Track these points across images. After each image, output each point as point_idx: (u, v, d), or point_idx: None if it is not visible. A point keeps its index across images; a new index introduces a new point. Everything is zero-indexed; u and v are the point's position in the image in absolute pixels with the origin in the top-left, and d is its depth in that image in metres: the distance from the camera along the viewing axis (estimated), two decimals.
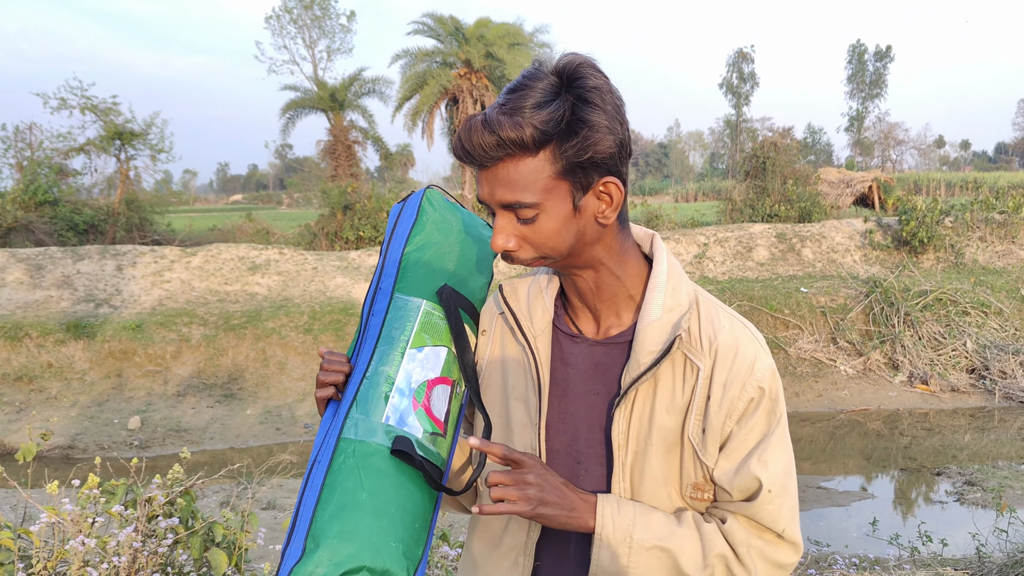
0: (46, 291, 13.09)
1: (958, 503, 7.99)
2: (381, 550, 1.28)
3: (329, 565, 1.24)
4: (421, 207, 1.57)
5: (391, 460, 1.34)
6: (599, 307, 1.46)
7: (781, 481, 1.37)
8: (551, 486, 1.33)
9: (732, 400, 1.37)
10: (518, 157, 1.29)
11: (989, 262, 15.11)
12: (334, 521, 1.28)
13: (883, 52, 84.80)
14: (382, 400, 1.37)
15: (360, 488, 1.31)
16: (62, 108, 21.36)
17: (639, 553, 1.32)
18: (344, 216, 18.56)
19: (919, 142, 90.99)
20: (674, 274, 1.45)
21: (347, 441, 1.34)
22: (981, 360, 12.01)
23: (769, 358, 1.43)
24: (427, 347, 1.44)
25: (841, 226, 16.23)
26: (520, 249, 1.35)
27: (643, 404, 1.40)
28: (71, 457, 9.61)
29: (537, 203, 1.31)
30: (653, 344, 1.39)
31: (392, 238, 1.56)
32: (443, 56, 25.16)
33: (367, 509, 1.30)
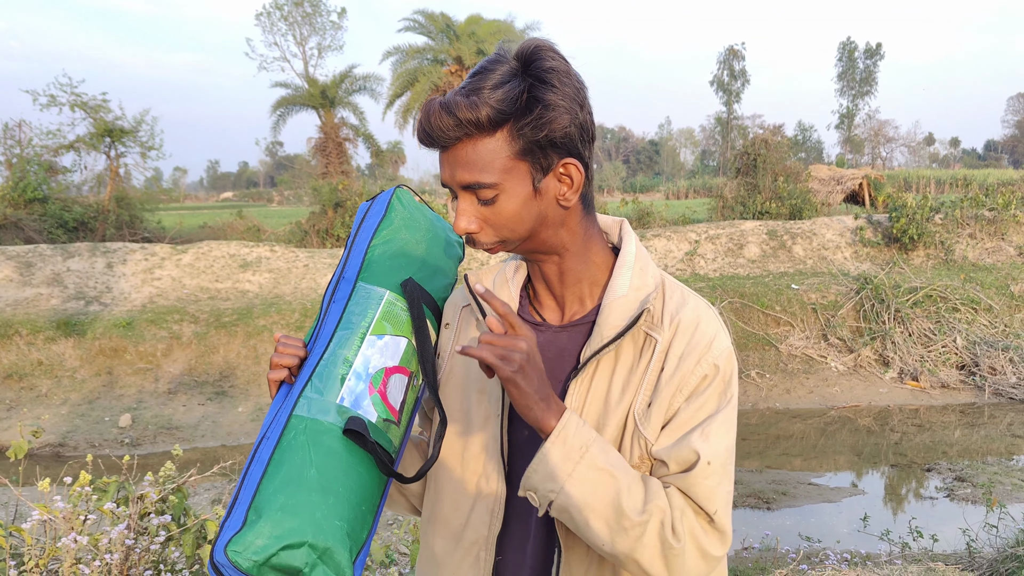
0: (36, 289, 13.04)
1: (948, 499, 8.02)
2: (324, 527, 1.26)
3: (270, 537, 1.22)
4: (390, 204, 1.58)
5: (342, 440, 1.32)
6: (564, 294, 1.46)
7: (722, 458, 1.33)
8: (537, 365, 1.28)
9: (685, 373, 1.35)
10: (476, 137, 1.30)
11: (979, 259, 15.17)
12: (278, 494, 1.26)
13: (873, 50, 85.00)
14: (338, 381, 1.36)
15: (308, 464, 1.28)
16: (52, 105, 21.28)
17: (587, 467, 1.26)
18: (335, 213, 18.53)
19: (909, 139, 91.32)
20: (642, 257, 1.46)
21: (299, 418, 1.32)
22: (971, 356, 12.06)
23: (728, 340, 1.41)
24: (387, 336, 1.43)
25: (832, 223, 16.27)
26: (482, 231, 1.35)
27: (602, 380, 1.38)
28: (62, 455, 9.58)
29: (496, 183, 1.32)
30: (618, 319, 1.38)
31: (359, 232, 1.56)
32: (434, 53, 25.12)
33: (314, 486, 1.27)
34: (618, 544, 1.26)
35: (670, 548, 1.27)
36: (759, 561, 5.77)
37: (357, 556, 1.32)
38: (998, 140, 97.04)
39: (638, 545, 1.26)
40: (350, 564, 1.29)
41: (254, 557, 1.21)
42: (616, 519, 1.26)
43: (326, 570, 1.25)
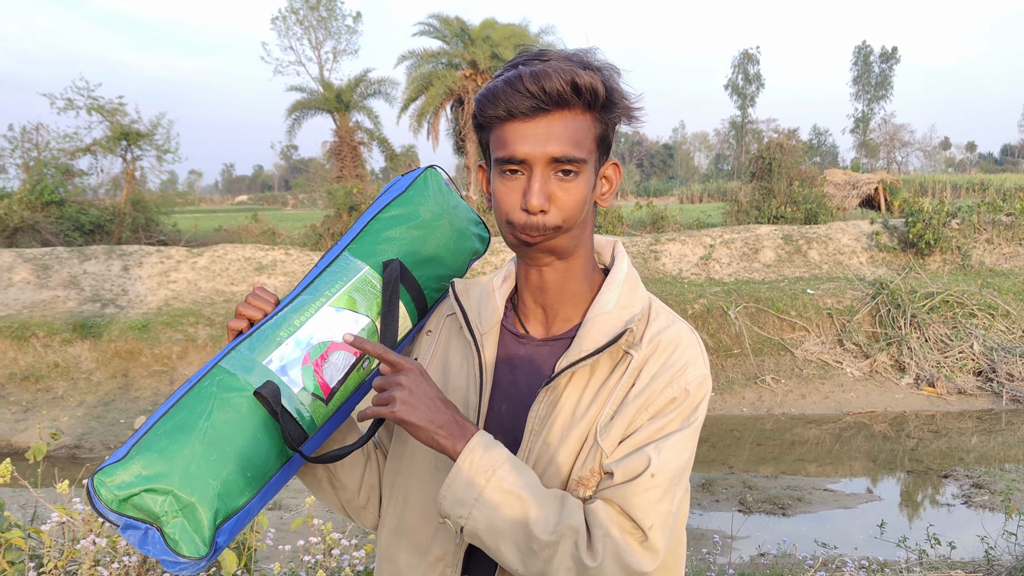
0: (53, 291, 13.12)
1: (965, 506, 7.97)
2: (195, 481, 1.21)
3: (135, 476, 1.19)
4: (415, 181, 1.52)
5: (251, 401, 1.27)
6: (555, 305, 1.42)
7: (668, 475, 1.28)
8: (424, 395, 1.25)
9: (654, 392, 1.31)
10: (576, 111, 1.28)
11: (996, 264, 15.08)
12: (162, 438, 1.23)
13: (889, 53, 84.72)
14: (274, 343, 1.32)
15: (205, 415, 1.24)
16: (68, 108, 21.42)
17: (495, 490, 1.23)
18: (350, 217, 18.55)
19: (925, 144, 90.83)
20: (632, 277, 1.44)
21: (221, 369, 1.29)
22: (988, 362, 11.98)
23: (705, 368, 1.37)
24: (347, 310, 1.38)
25: (847, 228, 16.21)
26: (549, 213, 1.29)
27: (573, 393, 1.35)
28: (77, 457, 9.62)
29: (584, 161, 1.29)
30: (599, 334, 1.35)
31: (376, 200, 1.52)
32: (448, 57, 25.17)
33: (200, 437, 1.23)
34: (530, 567, 1.24)
35: (584, 569, 1.22)
36: (775, 567, 5.74)
37: (224, 521, 1.26)
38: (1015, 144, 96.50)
39: (548, 568, 1.23)
40: (212, 526, 1.23)
41: (116, 491, 1.19)
42: (526, 542, 1.23)
43: (184, 524, 1.21)
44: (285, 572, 3.49)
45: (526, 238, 1.31)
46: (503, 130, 1.29)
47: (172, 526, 1.21)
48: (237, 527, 1.29)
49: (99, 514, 1.22)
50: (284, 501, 7.55)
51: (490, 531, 1.23)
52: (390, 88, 26.76)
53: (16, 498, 6.42)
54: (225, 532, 1.26)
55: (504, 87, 1.27)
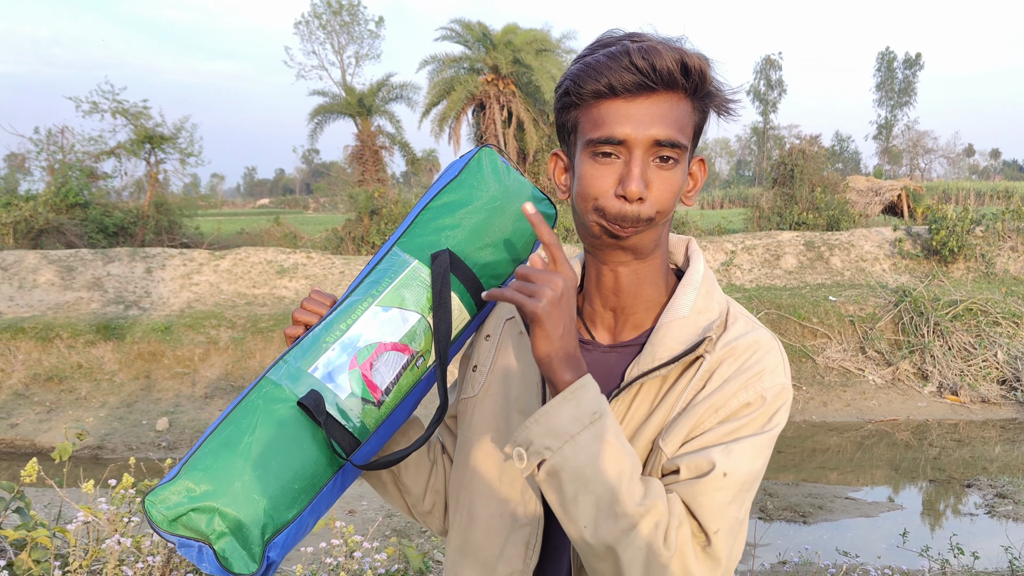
0: (77, 292, 13.23)
1: (989, 516, 7.90)
2: (240, 499, 1.20)
3: (183, 496, 1.20)
4: (468, 164, 1.42)
5: (296, 412, 1.24)
6: (627, 309, 1.32)
7: (741, 478, 1.17)
8: (566, 310, 1.14)
9: (726, 395, 1.21)
10: (680, 95, 1.19)
11: (1021, 272, 14.95)
12: (208, 456, 1.23)
13: (912, 60, 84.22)
14: (320, 350, 1.28)
15: (249, 430, 1.23)
16: (93, 112, 21.61)
17: (594, 436, 1.11)
18: (371, 221, 18.64)
19: (948, 150, 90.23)
20: (709, 279, 1.33)
21: (268, 381, 1.27)
22: (1012, 371, 11.87)
23: (786, 380, 1.25)
24: (395, 308, 1.31)
25: (870, 234, 16.11)
26: (645, 202, 1.19)
27: (644, 403, 1.26)
28: (100, 457, 9.69)
29: (685, 146, 1.20)
30: (674, 341, 1.24)
31: (430, 189, 1.43)
32: (470, 62, 25.22)
33: (244, 453, 1.22)
34: (602, 531, 1.10)
35: (656, 556, 1.11)
36: (797, 575, 5.71)
37: (274, 536, 1.23)
38: None
39: (624, 539, 1.10)
40: (261, 542, 1.22)
41: (165, 512, 1.19)
42: (609, 502, 1.10)
43: (233, 542, 1.20)
44: (307, 574, 3.50)
45: (616, 229, 1.21)
46: (601, 108, 1.19)
47: (221, 544, 1.20)
48: (290, 540, 1.28)
49: (156, 532, 1.24)
50: None
51: (576, 475, 1.10)
52: (412, 93, 26.86)
53: (40, 498, 6.47)
54: (276, 546, 1.25)
55: (608, 61, 1.17)
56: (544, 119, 24.44)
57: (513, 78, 24.41)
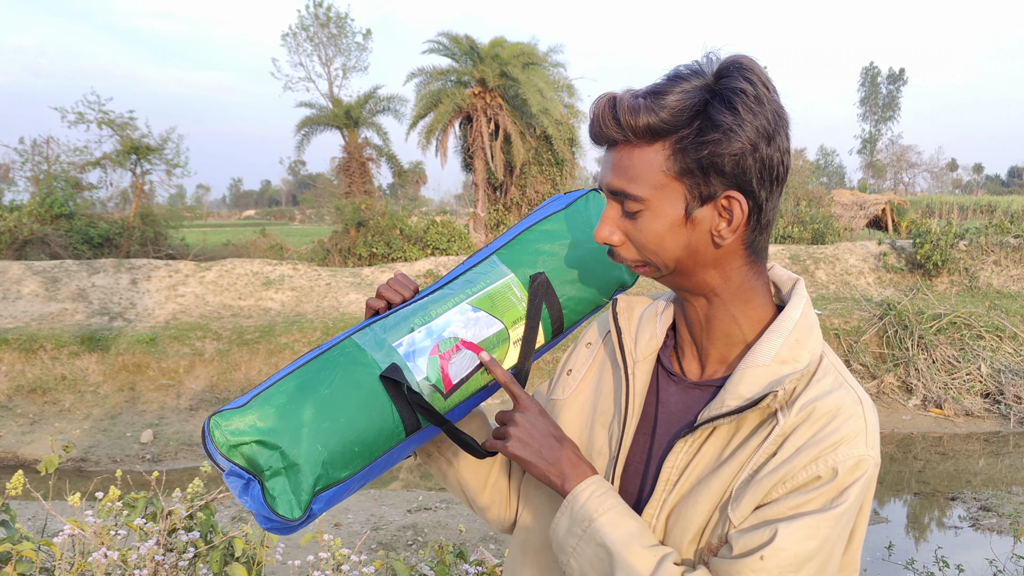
0: (61, 304, 13.16)
1: (973, 528, 7.94)
2: (304, 444, 1.22)
3: (250, 426, 1.21)
4: (575, 201, 1.50)
5: (374, 379, 1.28)
6: (706, 345, 1.30)
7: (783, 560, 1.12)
8: (539, 433, 1.27)
9: (796, 466, 1.16)
10: (634, 144, 1.19)
11: (1004, 286, 15.06)
12: (282, 395, 1.25)
13: (896, 75, 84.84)
14: (407, 328, 1.32)
15: (327, 383, 1.26)
16: (79, 122, 21.56)
17: (587, 543, 1.20)
18: (357, 232, 18.63)
19: (932, 165, 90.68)
20: (804, 326, 1.26)
21: (351, 342, 1.31)
22: (996, 384, 11.95)
23: (867, 451, 1.18)
24: (484, 312, 1.36)
25: (855, 248, 16.21)
26: (623, 246, 1.24)
27: (713, 448, 1.23)
28: (84, 470, 9.63)
29: (643, 198, 1.19)
30: (747, 389, 1.20)
31: (533, 213, 1.52)
32: (458, 75, 25.23)
33: (317, 402, 1.24)
34: None
35: None
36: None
37: (324, 490, 1.25)
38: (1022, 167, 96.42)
39: None
40: (311, 491, 1.24)
41: (229, 436, 1.20)
42: None
43: (285, 483, 1.22)
44: None
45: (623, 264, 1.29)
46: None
47: (273, 482, 1.22)
48: (334, 498, 1.30)
49: (208, 455, 1.25)
50: None
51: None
52: (399, 105, 26.82)
53: (24, 510, 6.43)
54: (322, 500, 1.27)
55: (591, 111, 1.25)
56: (531, 132, 24.47)
57: (500, 91, 24.44)
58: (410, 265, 15.13)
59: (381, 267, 15.34)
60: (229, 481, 1.24)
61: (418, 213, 26.87)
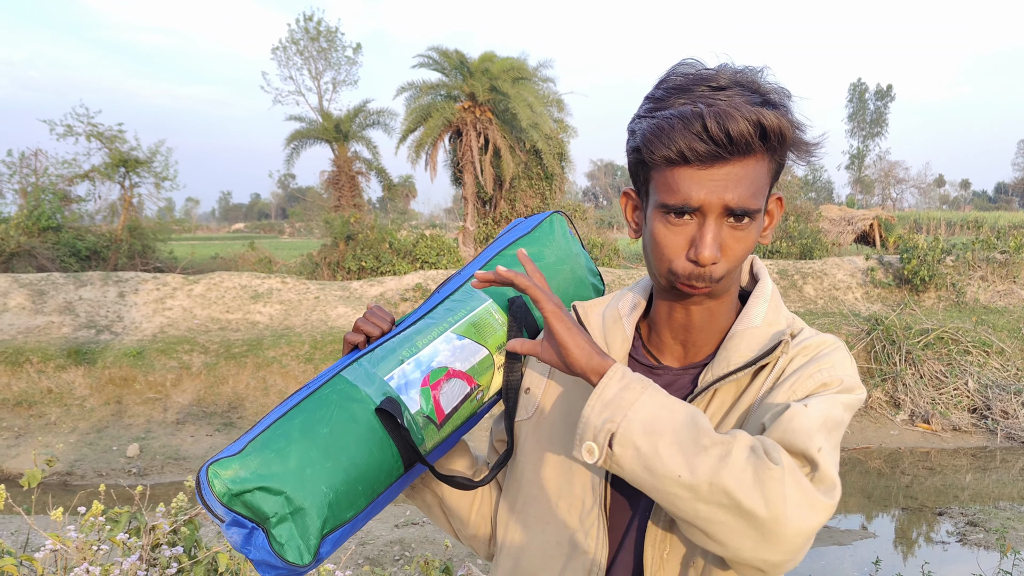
0: (48, 317, 13.09)
1: (960, 544, 7.94)
2: (308, 486, 1.19)
3: (251, 473, 1.17)
4: (541, 224, 1.53)
5: (371, 416, 1.25)
6: (697, 340, 1.31)
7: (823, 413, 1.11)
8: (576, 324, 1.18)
9: (801, 378, 1.18)
10: (759, 156, 1.15)
11: (991, 301, 15.12)
12: (280, 438, 1.21)
13: (884, 91, 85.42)
14: (396, 361, 1.30)
15: (324, 422, 1.23)
16: (68, 135, 21.49)
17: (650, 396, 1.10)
18: (346, 246, 18.61)
19: (919, 181, 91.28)
20: (776, 294, 1.32)
21: (341, 379, 1.28)
22: (983, 400, 11.98)
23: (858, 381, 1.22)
24: (468, 340, 1.35)
25: (843, 263, 16.26)
26: (718, 263, 1.18)
27: (718, 411, 1.24)
28: (69, 484, 9.56)
29: (760, 210, 1.17)
30: (749, 348, 1.23)
31: (499, 238, 1.53)
32: (447, 89, 25.29)
33: (319, 443, 1.21)
34: (698, 469, 1.02)
35: (767, 468, 1.02)
36: None
37: (331, 532, 1.23)
38: (1008, 183, 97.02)
39: (724, 466, 1.02)
40: (319, 534, 1.21)
41: (229, 485, 1.16)
42: (692, 438, 1.05)
43: (292, 528, 1.18)
44: None
45: (689, 289, 1.21)
46: (674, 174, 1.15)
47: (280, 528, 1.18)
48: (341, 539, 1.27)
49: (206, 506, 1.20)
50: None
51: (649, 428, 1.06)
52: (389, 119, 26.85)
53: (7, 525, 6.38)
54: (330, 543, 1.24)
55: (679, 124, 1.12)
56: (520, 146, 24.53)
57: (490, 105, 24.50)
58: (399, 279, 15.10)
59: (370, 281, 15.32)
60: (229, 532, 1.20)
61: (407, 227, 26.88)
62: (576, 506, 1.31)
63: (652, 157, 1.16)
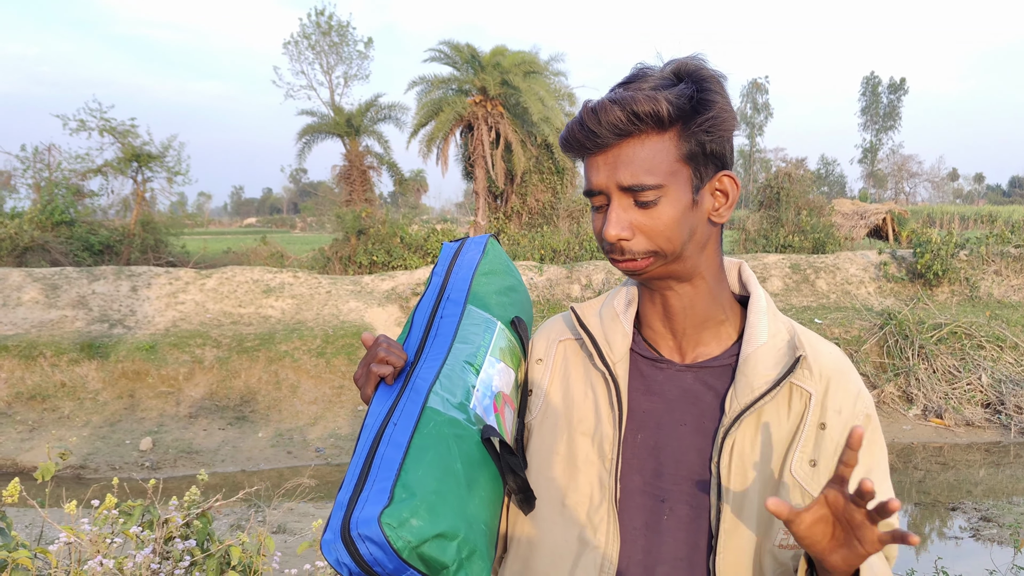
0: (61, 311, 13.15)
1: (974, 539, 7.91)
2: (475, 526, 1.13)
3: (425, 519, 1.05)
4: (487, 247, 1.54)
5: (479, 446, 1.20)
6: (687, 331, 1.35)
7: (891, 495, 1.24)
8: None
9: (845, 426, 1.28)
10: (645, 135, 1.23)
11: (1004, 296, 15.04)
12: (429, 479, 1.10)
13: (897, 84, 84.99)
14: (467, 389, 1.24)
15: (455, 457, 1.14)
16: (81, 130, 21.55)
17: None
18: (358, 241, 18.63)
19: (933, 175, 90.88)
20: (770, 302, 1.38)
21: (435, 411, 1.17)
22: (996, 395, 11.92)
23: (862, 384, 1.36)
24: (502, 363, 1.35)
25: (855, 258, 16.20)
26: (634, 239, 1.24)
27: (744, 437, 1.27)
28: (83, 477, 9.61)
29: (661, 185, 1.23)
30: (768, 368, 1.29)
31: (455, 263, 1.48)
32: (459, 83, 25.29)
33: (462, 480, 1.14)
34: None
35: None
36: None
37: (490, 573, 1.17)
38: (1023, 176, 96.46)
39: None
40: (489, 573, 1.15)
41: (409, 536, 1.03)
42: None
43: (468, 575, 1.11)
44: None
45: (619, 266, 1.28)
46: (586, 163, 1.29)
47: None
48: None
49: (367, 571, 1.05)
50: (288, 525, 7.52)
51: None
52: (400, 113, 26.88)
53: (21, 518, 6.42)
54: None
55: (572, 126, 1.27)
56: (532, 140, 24.52)
57: (501, 100, 24.49)
58: (410, 273, 15.12)
59: (381, 275, 15.33)
60: None
61: (419, 221, 26.87)
62: (584, 502, 1.32)
63: (568, 155, 1.33)
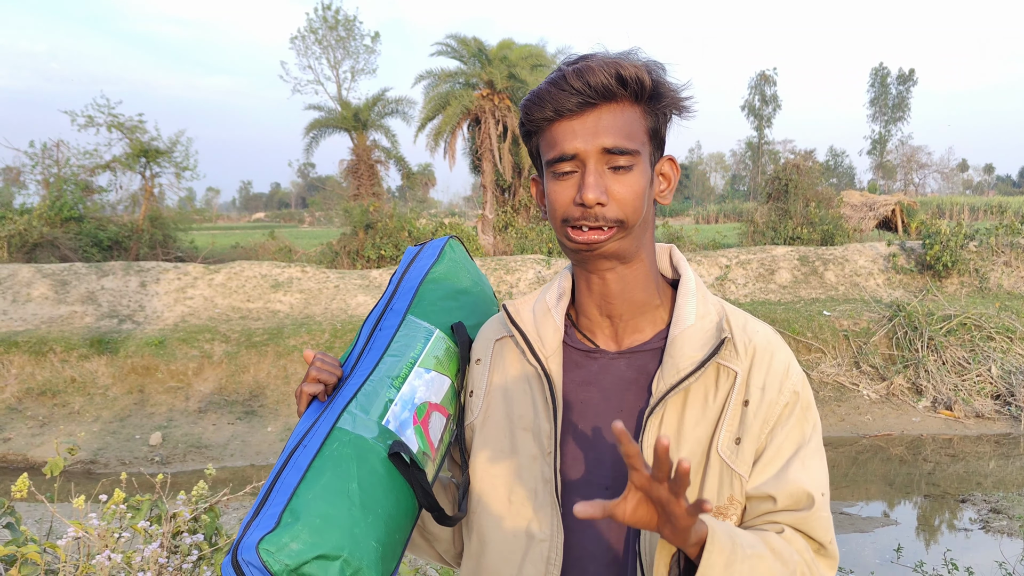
0: (70, 306, 13.20)
1: (983, 531, 7.89)
2: (362, 545, 1.16)
3: (306, 543, 1.11)
4: (443, 250, 1.56)
5: (385, 463, 1.23)
6: (624, 315, 1.36)
7: (824, 488, 1.29)
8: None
9: (770, 404, 1.29)
10: (623, 103, 1.26)
11: (1014, 287, 14.98)
12: (319, 502, 1.15)
13: (906, 76, 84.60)
14: (384, 404, 1.28)
15: (351, 478, 1.19)
16: (89, 126, 21.60)
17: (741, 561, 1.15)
18: (366, 235, 18.64)
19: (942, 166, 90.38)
20: (700, 284, 1.40)
21: (343, 431, 1.23)
22: (1006, 386, 11.88)
23: (795, 361, 1.37)
24: (434, 372, 1.37)
25: (864, 249, 16.14)
26: (607, 206, 1.25)
27: (672, 417, 1.29)
28: (92, 472, 9.65)
29: (638, 151, 1.26)
30: (693, 350, 1.30)
31: (409, 270, 1.52)
32: (466, 77, 25.27)
33: (355, 500, 1.18)
34: None
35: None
36: None
37: None
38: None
39: None
40: None
41: (287, 560, 1.09)
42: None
43: None
44: None
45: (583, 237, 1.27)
46: (552, 131, 1.28)
47: None
48: None
49: None
50: None
51: None
52: (407, 107, 26.86)
53: (31, 512, 6.44)
54: None
55: (549, 87, 1.27)
56: None
57: (508, 93, 24.46)
58: None
59: (389, 269, 15.35)
60: None
61: (427, 215, 26.90)
62: (529, 497, 1.34)
63: (533, 120, 1.29)
